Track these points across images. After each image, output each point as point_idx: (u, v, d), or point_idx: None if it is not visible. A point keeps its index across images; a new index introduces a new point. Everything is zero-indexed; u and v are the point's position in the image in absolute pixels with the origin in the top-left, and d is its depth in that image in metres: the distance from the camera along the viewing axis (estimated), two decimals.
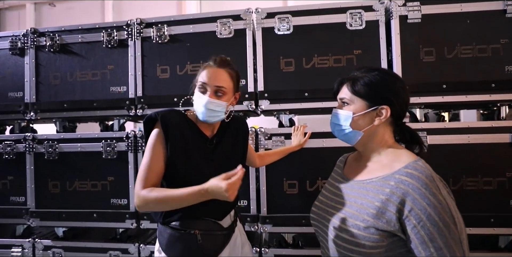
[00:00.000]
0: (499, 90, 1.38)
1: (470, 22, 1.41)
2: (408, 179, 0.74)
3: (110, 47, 1.66)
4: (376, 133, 0.85)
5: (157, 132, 0.97)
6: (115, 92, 1.66)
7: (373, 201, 0.78)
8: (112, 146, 1.63)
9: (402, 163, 0.79)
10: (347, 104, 0.86)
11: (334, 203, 0.89)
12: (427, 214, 0.70)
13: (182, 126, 0.99)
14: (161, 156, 0.96)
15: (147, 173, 0.93)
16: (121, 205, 1.63)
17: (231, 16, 1.57)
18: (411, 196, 0.72)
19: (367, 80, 0.83)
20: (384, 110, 0.82)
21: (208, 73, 0.99)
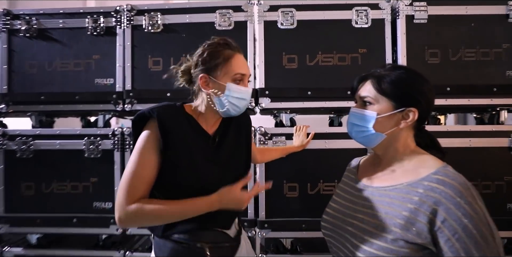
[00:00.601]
0: (500, 95, 1.35)
1: (474, 25, 1.37)
2: (440, 186, 0.65)
3: (96, 34, 1.47)
4: (399, 136, 0.75)
5: (151, 134, 0.79)
6: (100, 85, 1.48)
7: (400, 210, 0.68)
8: (96, 143, 1.44)
9: (429, 168, 0.70)
10: (370, 104, 0.75)
11: (352, 212, 0.78)
12: (463, 225, 0.61)
13: (182, 125, 0.83)
14: (154, 163, 0.78)
15: (136, 182, 0.75)
16: (105, 209, 1.45)
17: (231, 7, 1.44)
18: (444, 205, 0.63)
19: (394, 78, 0.73)
20: (412, 112, 0.72)
21: (241, 62, 0.84)
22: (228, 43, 0.85)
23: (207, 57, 0.82)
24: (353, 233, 0.74)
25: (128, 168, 0.77)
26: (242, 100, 0.85)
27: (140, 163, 0.77)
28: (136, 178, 0.76)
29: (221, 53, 0.82)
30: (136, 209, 0.72)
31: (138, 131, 0.82)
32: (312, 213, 1.39)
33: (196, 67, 0.85)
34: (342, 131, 1.40)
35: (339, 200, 0.86)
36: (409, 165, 0.75)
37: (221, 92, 0.83)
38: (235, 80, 0.83)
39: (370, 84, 0.76)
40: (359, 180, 0.84)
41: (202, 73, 0.84)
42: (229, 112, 0.86)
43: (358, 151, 1.38)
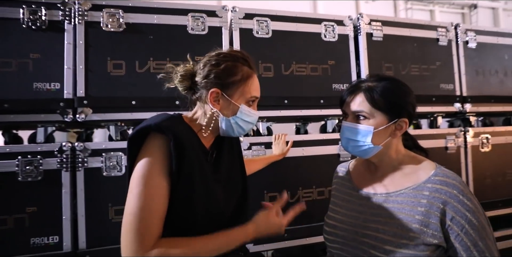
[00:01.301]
0: (437, 103, 1.59)
1: (416, 45, 1.59)
2: (444, 187, 0.68)
3: (36, 29, 1.17)
4: (391, 144, 0.76)
5: (157, 153, 0.62)
6: (41, 90, 1.16)
7: (413, 215, 0.68)
8: (35, 163, 1.12)
9: (427, 170, 0.73)
10: (364, 118, 0.74)
11: (361, 222, 0.75)
12: (468, 220, 0.65)
13: (194, 143, 0.68)
14: (165, 191, 0.61)
15: (148, 220, 0.57)
16: (48, 245, 1.12)
17: (205, 11, 1.32)
18: (451, 204, 0.66)
19: (385, 90, 0.73)
20: (404, 123, 0.74)
21: (257, 83, 0.75)
22: (248, 59, 0.74)
23: (224, 71, 0.69)
24: (372, 244, 0.70)
25: (132, 202, 0.58)
26: (249, 124, 0.76)
27: (149, 194, 0.59)
28: (148, 214, 0.57)
29: (240, 70, 0.71)
30: (160, 254, 0.56)
31: (135, 151, 0.64)
32: (292, 221, 1.34)
33: (205, 78, 0.71)
34: (318, 138, 1.41)
35: (341, 210, 0.82)
36: (407, 168, 0.76)
37: (232, 114, 0.72)
38: (248, 102, 0.73)
39: (363, 97, 0.74)
40: (358, 188, 0.82)
41: (214, 88, 0.69)
42: (231, 134, 0.76)
43: (332, 156, 1.42)
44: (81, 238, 1.14)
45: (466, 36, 1.66)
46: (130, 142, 0.64)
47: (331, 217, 0.84)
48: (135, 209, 0.58)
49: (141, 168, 0.61)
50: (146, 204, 0.58)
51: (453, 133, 1.57)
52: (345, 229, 0.78)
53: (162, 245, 0.57)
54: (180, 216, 0.64)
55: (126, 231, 0.57)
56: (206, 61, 0.73)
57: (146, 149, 0.63)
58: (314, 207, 1.38)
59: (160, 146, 0.63)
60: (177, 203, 0.63)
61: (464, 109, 1.61)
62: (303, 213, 1.33)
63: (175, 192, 0.63)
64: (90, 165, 1.16)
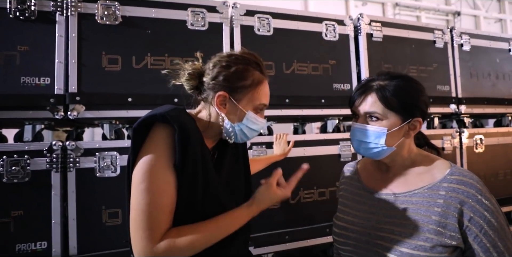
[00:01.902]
0: (434, 104, 1.60)
1: (414, 47, 1.59)
2: (462, 187, 0.65)
3: (24, 19, 1.08)
4: (404, 144, 0.73)
5: (162, 145, 0.58)
6: (29, 85, 1.07)
7: (429, 215, 0.65)
8: (22, 163, 1.03)
9: (442, 169, 0.70)
10: (377, 120, 0.70)
11: (375, 223, 0.71)
12: (487, 220, 0.62)
13: (199, 137, 0.64)
14: (172, 185, 0.58)
15: (157, 215, 0.55)
16: (35, 251, 1.03)
17: (205, 7, 1.26)
18: (468, 204, 0.63)
19: (398, 90, 0.69)
20: (418, 122, 0.71)
21: (267, 90, 0.71)
22: (260, 64, 0.70)
23: (234, 74, 0.66)
24: (387, 247, 0.66)
25: (139, 198, 0.55)
26: (254, 132, 0.72)
27: (156, 189, 0.55)
28: (156, 210, 0.55)
29: (251, 75, 0.67)
30: (168, 247, 0.54)
31: (140, 142, 0.59)
32: (294, 222, 1.31)
33: (214, 79, 0.66)
34: (318, 138, 1.38)
35: (352, 211, 0.78)
36: (420, 168, 0.73)
37: (238, 120, 0.68)
38: (256, 109, 0.69)
39: (375, 98, 0.70)
40: (369, 188, 0.78)
41: (222, 91, 0.66)
42: (234, 140, 0.72)
43: (333, 156, 1.40)
44: (72, 243, 1.06)
45: (461, 39, 1.68)
46: (135, 132, 0.60)
47: (340, 218, 0.80)
48: (142, 205, 0.55)
49: (147, 162, 0.57)
50: (153, 200, 0.56)
51: (449, 134, 1.58)
52: (356, 230, 0.74)
53: (169, 236, 0.56)
54: (181, 212, 0.61)
55: (135, 227, 0.55)
56: (217, 62, 0.68)
57: (151, 141, 0.59)
58: (315, 208, 1.35)
59: (165, 137, 0.59)
60: (179, 199, 0.60)
61: (460, 110, 1.62)
62: (304, 214, 1.32)
63: (179, 187, 0.60)
64: (82, 165, 1.08)
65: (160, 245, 0.54)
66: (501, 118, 1.83)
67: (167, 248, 0.54)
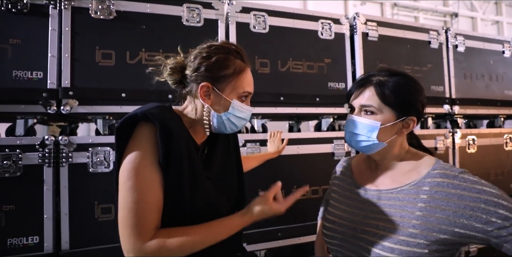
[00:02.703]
0: (428, 105, 1.60)
1: (409, 47, 1.59)
2: (445, 180, 0.65)
3: (16, 12, 1.06)
4: (396, 142, 0.73)
5: (146, 144, 0.58)
6: (21, 80, 1.06)
7: (413, 212, 0.65)
8: (14, 157, 1.02)
9: (427, 166, 0.70)
10: (372, 113, 0.70)
11: (361, 219, 0.72)
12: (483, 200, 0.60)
13: (183, 133, 0.63)
14: (158, 181, 0.58)
15: (144, 213, 0.55)
16: (27, 246, 1.02)
17: (200, 3, 1.25)
18: (457, 194, 0.62)
19: (396, 86, 0.70)
20: (412, 121, 0.71)
21: (250, 78, 0.70)
22: (241, 52, 0.69)
23: (215, 64, 0.65)
24: (371, 241, 0.68)
25: (126, 196, 0.55)
26: (242, 120, 0.71)
27: (142, 187, 0.55)
28: (143, 208, 0.54)
29: (233, 63, 0.66)
30: (157, 246, 0.54)
31: (124, 141, 0.59)
32: (286, 220, 1.31)
33: (195, 71, 0.66)
34: (312, 136, 1.38)
35: (341, 206, 0.79)
36: (408, 165, 0.73)
37: (224, 110, 0.67)
38: (241, 97, 0.69)
39: (373, 92, 0.70)
40: (359, 184, 0.79)
41: (204, 82, 0.65)
42: (223, 131, 0.71)
43: (327, 155, 1.40)
44: (64, 238, 1.05)
45: (456, 40, 1.68)
46: (118, 132, 0.59)
47: (331, 212, 0.81)
48: (129, 203, 0.55)
49: (132, 160, 0.57)
50: (140, 197, 0.55)
51: (442, 134, 1.58)
52: (343, 224, 0.75)
53: (160, 235, 0.56)
54: (168, 210, 0.60)
55: (123, 225, 0.55)
56: (197, 54, 0.67)
57: (135, 139, 0.59)
58: (308, 206, 1.35)
59: (149, 135, 0.58)
60: (165, 197, 0.59)
61: (453, 111, 1.63)
62: (297, 212, 1.32)
63: (165, 184, 0.59)
64: (75, 160, 1.07)
65: (150, 244, 0.54)
66: (493, 120, 1.84)
67: (156, 247, 0.54)
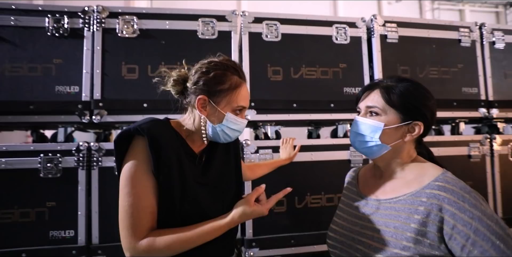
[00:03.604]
0: (459, 108, 1.48)
1: (435, 47, 1.49)
2: (442, 193, 0.61)
3: (59, 36, 1.24)
4: (402, 149, 0.71)
5: (140, 155, 0.64)
6: (62, 93, 1.23)
7: (408, 223, 0.62)
8: (55, 161, 1.19)
9: (430, 176, 0.66)
10: (376, 115, 0.70)
11: (359, 228, 0.71)
12: (474, 229, 0.56)
13: (174, 144, 0.69)
14: (151, 188, 0.64)
15: (138, 216, 0.62)
16: (65, 238, 1.18)
17: (214, 16, 1.34)
18: (450, 211, 0.59)
19: (403, 90, 0.69)
20: (418, 126, 0.68)
21: (246, 93, 0.74)
22: (237, 69, 0.74)
23: (212, 79, 0.70)
24: (365, 252, 0.66)
25: (123, 201, 0.62)
26: (236, 132, 0.75)
27: (136, 193, 0.62)
28: (137, 211, 0.61)
29: (229, 79, 0.71)
30: (148, 245, 0.60)
31: (122, 152, 0.66)
32: (300, 227, 1.31)
33: (195, 84, 0.72)
34: (327, 142, 1.36)
35: (344, 215, 0.78)
36: (411, 174, 0.70)
37: (218, 121, 0.72)
38: (235, 110, 0.73)
39: (378, 94, 0.71)
40: (361, 193, 0.78)
41: (201, 95, 0.71)
42: (218, 140, 0.76)
43: (343, 162, 1.36)
44: (94, 233, 1.18)
45: (493, 36, 1.53)
46: (115, 145, 0.66)
47: (334, 221, 0.81)
48: (125, 207, 0.62)
49: (128, 169, 0.64)
50: (134, 202, 0.62)
51: (477, 140, 1.44)
52: (343, 234, 0.75)
53: (151, 236, 0.62)
54: (162, 214, 0.66)
55: (121, 226, 0.62)
56: (198, 68, 0.73)
57: (131, 151, 0.66)
58: (323, 214, 1.33)
59: (142, 147, 0.65)
60: (158, 202, 0.65)
61: (491, 114, 1.48)
62: (311, 220, 1.30)
63: (159, 190, 0.65)
64: (104, 164, 1.20)
65: (141, 243, 0.60)
66: None
67: (146, 246, 0.60)
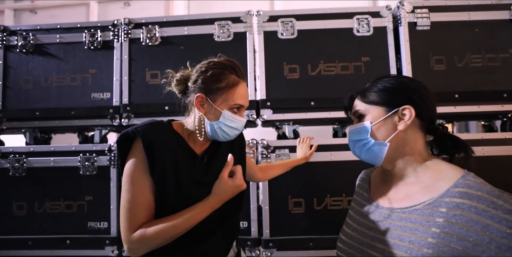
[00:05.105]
0: (511, 101, 1.27)
1: (478, 31, 1.30)
2: (466, 201, 0.52)
3: (93, 49, 1.40)
4: (406, 142, 0.64)
5: (138, 156, 0.69)
6: (97, 99, 1.39)
7: (425, 237, 0.55)
8: (91, 160, 1.34)
9: (448, 181, 0.57)
10: (363, 117, 0.67)
11: (369, 240, 0.65)
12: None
13: (170, 144, 0.72)
14: (148, 186, 0.68)
15: (135, 211, 0.66)
16: (100, 229, 1.32)
17: (230, 18, 1.37)
18: (481, 222, 0.50)
19: (379, 86, 0.66)
20: (407, 110, 0.62)
21: (243, 92, 0.76)
22: (236, 68, 0.76)
23: (210, 78, 0.73)
24: None
25: (123, 197, 0.67)
26: (234, 130, 0.77)
27: (134, 190, 0.67)
28: (133, 206, 0.66)
29: (226, 78, 0.74)
30: (139, 235, 0.65)
31: (124, 152, 0.71)
32: (319, 230, 1.26)
33: (195, 83, 0.75)
34: (346, 142, 1.29)
35: (353, 224, 0.72)
36: (425, 178, 0.62)
37: (215, 119, 0.74)
38: (232, 108, 0.75)
39: (358, 99, 0.69)
40: (373, 200, 0.71)
41: (199, 93, 0.74)
42: (217, 139, 0.77)
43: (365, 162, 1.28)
44: None
45: None
46: (117, 146, 0.72)
47: (343, 231, 0.75)
48: (124, 203, 0.67)
49: (128, 168, 0.69)
50: (132, 199, 0.67)
51: None
52: (352, 246, 0.69)
53: (142, 227, 0.66)
54: (158, 211, 0.70)
55: (120, 220, 0.68)
56: (198, 68, 0.77)
57: (131, 151, 0.71)
58: (343, 217, 1.25)
59: (140, 148, 0.69)
60: (157, 199, 0.69)
61: None
62: (331, 223, 1.24)
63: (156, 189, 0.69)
64: None
65: (135, 234, 0.65)
66: None
67: (139, 236, 0.64)
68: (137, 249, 0.66)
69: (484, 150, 1.21)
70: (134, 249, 0.66)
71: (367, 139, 0.66)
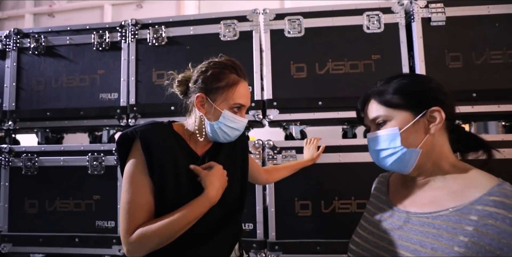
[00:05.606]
0: None
1: (498, 26, 1.22)
2: (501, 211, 0.49)
3: (101, 50, 1.41)
4: (434, 146, 0.60)
5: (137, 157, 0.68)
6: (104, 100, 1.41)
7: (451, 246, 0.51)
8: (99, 159, 1.35)
9: (481, 188, 0.54)
10: (385, 124, 0.62)
11: (386, 244, 0.61)
12: None
13: (169, 144, 0.71)
14: (147, 187, 0.67)
15: (134, 212, 0.65)
16: (107, 228, 1.34)
17: (236, 17, 1.35)
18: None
19: (396, 86, 0.61)
20: (436, 112, 0.58)
21: (244, 91, 0.74)
22: (236, 67, 0.74)
23: (210, 77, 0.72)
24: None
25: (123, 197, 0.67)
26: (235, 131, 0.75)
27: (133, 191, 0.66)
28: (133, 207, 0.65)
29: (226, 77, 0.72)
30: (138, 235, 0.63)
31: (124, 153, 0.71)
32: (327, 233, 1.22)
33: (195, 83, 0.74)
34: (356, 143, 1.24)
35: (369, 227, 0.68)
36: (454, 184, 0.58)
37: (215, 119, 0.72)
38: (233, 108, 0.73)
39: (375, 103, 0.63)
40: (391, 203, 0.67)
41: (199, 92, 0.73)
42: (218, 139, 0.75)
43: (375, 164, 1.23)
44: None
45: None
46: (117, 147, 0.71)
47: (357, 233, 0.72)
48: (124, 203, 0.66)
49: (128, 169, 0.68)
50: (132, 199, 0.66)
51: None
52: (367, 249, 0.66)
53: (140, 226, 0.65)
54: (158, 211, 0.68)
55: (120, 220, 0.68)
56: (199, 68, 0.76)
57: (131, 152, 0.70)
58: (353, 221, 1.20)
59: (139, 149, 0.68)
60: (156, 199, 0.68)
61: None
62: (340, 226, 1.20)
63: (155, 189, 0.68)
64: None
65: (133, 235, 0.64)
66: None
67: (137, 236, 0.63)
68: (136, 250, 0.64)
69: (505, 152, 1.14)
70: (133, 251, 0.64)
71: (397, 147, 0.60)
